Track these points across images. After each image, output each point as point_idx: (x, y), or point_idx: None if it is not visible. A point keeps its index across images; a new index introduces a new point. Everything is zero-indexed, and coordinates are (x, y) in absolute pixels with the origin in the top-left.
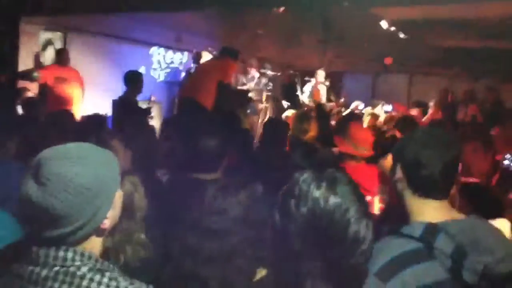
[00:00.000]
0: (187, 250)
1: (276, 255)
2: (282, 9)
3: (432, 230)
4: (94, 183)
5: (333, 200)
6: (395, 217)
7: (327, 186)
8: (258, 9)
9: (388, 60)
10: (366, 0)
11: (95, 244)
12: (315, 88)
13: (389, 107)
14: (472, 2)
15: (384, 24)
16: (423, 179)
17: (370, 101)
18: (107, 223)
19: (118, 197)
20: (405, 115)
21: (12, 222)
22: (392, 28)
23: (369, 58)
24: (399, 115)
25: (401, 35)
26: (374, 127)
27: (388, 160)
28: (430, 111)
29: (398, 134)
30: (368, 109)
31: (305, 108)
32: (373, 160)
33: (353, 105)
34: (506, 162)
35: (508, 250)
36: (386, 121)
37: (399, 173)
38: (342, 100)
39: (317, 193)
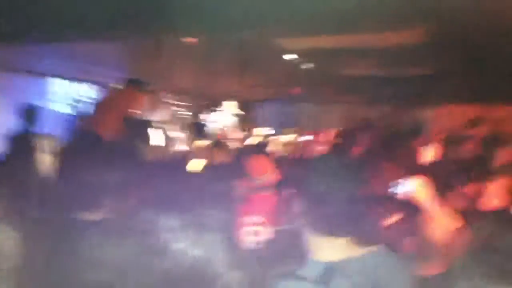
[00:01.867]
0: None
1: None
2: (195, 40)
3: (328, 271)
4: None
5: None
6: None
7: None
8: (169, 38)
9: (296, 90)
10: (268, 32)
11: None
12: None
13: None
14: (371, 32)
15: (287, 56)
16: (319, 216)
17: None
18: None
19: None
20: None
21: None
22: (296, 58)
23: (276, 87)
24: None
25: (305, 66)
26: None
27: None
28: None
29: None
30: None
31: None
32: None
33: (255, 133)
34: (391, 189)
35: None
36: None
37: (298, 207)
38: (253, 130)
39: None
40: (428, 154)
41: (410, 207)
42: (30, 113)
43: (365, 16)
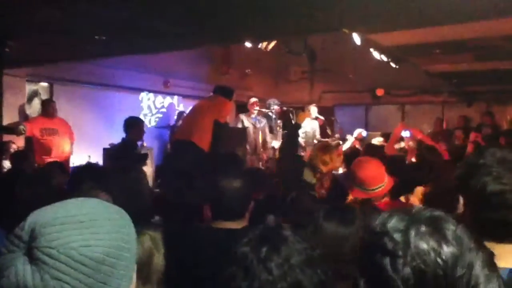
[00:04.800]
0: None
1: None
2: (269, 47)
3: None
4: (111, 253)
5: (449, 251)
6: None
7: (432, 231)
8: (244, 46)
9: (379, 92)
10: (361, 27)
11: None
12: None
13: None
14: (464, 22)
15: (375, 54)
16: (497, 222)
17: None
18: None
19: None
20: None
21: None
22: (383, 57)
23: (359, 90)
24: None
25: (393, 64)
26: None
27: (418, 193)
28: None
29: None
30: (376, 140)
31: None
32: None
33: (355, 133)
34: None
35: None
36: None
37: (461, 207)
38: (337, 135)
39: (422, 244)
40: None
41: None
42: (131, 126)
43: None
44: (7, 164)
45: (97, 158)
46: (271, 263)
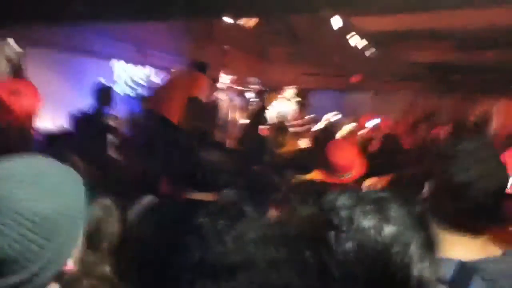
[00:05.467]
0: None
1: None
2: (251, 23)
3: (465, 273)
4: (55, 210)
5: (388, 230)
6: None
7: (376, 211)
8: (225, 22)
9: (355, 78)
10: (343, 9)
11: None
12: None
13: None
14: (450, 9)
15: (355, 38)
16: (455, 212)
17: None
18: (69, 265)
19: (83, 229)
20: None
21: None
22: (363, 42)
23: (336, 75)
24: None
25: (372, 49)
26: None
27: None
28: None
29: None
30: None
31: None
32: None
33: (324, 118)
34: None
35: None
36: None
37: (426, 193)
38: (307, 117)
39: (365, 222)
40: None
41: None
42: (100, 94)
43: None
44: None
45: (64, 124)
46: (227, 236)
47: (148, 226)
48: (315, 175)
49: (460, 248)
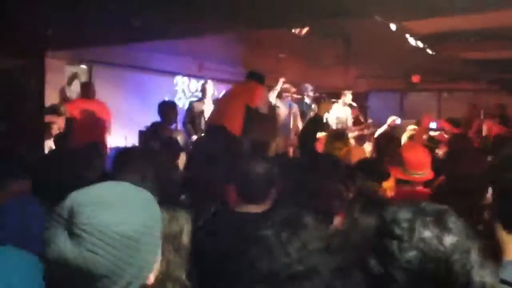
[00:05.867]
0: None
1: None
2: (303, 31)
3: None
4: (140, 231)
5: (449, 239)
6: None
7: (436, 222)
8: (278, 30)
9: (415, 78)
10: (397, 15)
11: None
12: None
13: (433, 124)
14: (503, 9)
15: (411, 40)
16: None
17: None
18: (152, 279)
19: (160, 244)
20: (458, 133)
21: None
22: (419, 43)
23: (394, 76)
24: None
25: (429, 51)
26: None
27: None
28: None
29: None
30: (411, 127)
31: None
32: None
33: (389, 121)
34: None
35: None
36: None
37: (490, 198)
38: (369, 121)
39: (426, 232)
40: None
41: None
42: (165, 110)
43: None
44: (50, 144)
45: (133, 140)
46: (291, 247)
47: (211, 237)
48: (393, 173)
49: None
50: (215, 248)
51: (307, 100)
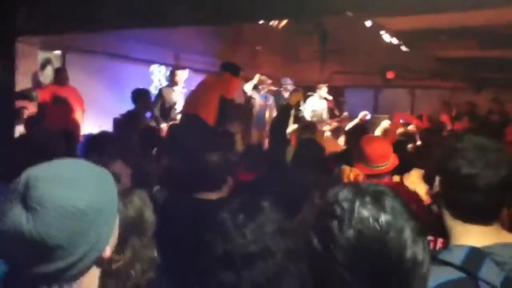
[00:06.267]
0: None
1: (319, 286)
2: (280, 24)
3: (475, 257)
4: (93, 206)
5: (384, 218)
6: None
7: (374, 202)
8: (255, 24)
9: (390, 74)
10: (369, 10)
11: (92, 278)
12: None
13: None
14: (478, 8)
15: (386, 36)
16: (465, 203)
17: (372, 116)
18: (108, 251)
19: (117, 220)
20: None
21: None
22: (394, 40)
23: (369, 72)
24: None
25: (403, 48)
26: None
27: (413, 176)
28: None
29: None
30: (384, 123)
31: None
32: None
33: (360, 115)
34: None
35: None
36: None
37: (437, 187)
38: (344, 114)
39: (364, 212)
40: None
41: None
42: (139, 98)
43: None
44: (20, 129)
45: (108, 128)
46: (246, 229)
47: (169, 221)
48: (358, 169)
49: (472, 236)
50: (173, 232)
51: (284, 93)
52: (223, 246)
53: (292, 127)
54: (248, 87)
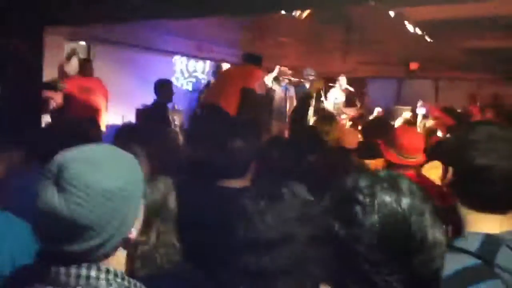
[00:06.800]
0: (243, 269)
1: (343, 270)
2: (303, 15)
3: (491, 244)
4: (121, 188)
5: (406, 202)
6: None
7: (393, 187)
8: (278, 14)
9: (413, 65)
10: (393, 1)
11: (120, 259)
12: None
13: (422, 110)
14: None
15: (410, 27)
16: (480, 194)
17: (395, 108)
18: (134, 233)
19: (142, 204)
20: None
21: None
22: (418, 31)
23: (393, 63)
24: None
25: (427, 38)
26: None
27: (433, 167)
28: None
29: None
30: (406, 114)
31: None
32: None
33: (375, 112)
34: None
35: None
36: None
37: (451, 178)
38: (362, 105)
39: (385, 197)
40: None
41: None
42: (161, 89)
43: None
44: (47, 118)
45: (131, 118)
46: (268, 215)
47: (192, 208)
48: (378, 162)
49: (486, 224)
50: (196, 219)
51: (306, 84)
52: (244, 233)
53: (312, 118)
54: (268, 79)
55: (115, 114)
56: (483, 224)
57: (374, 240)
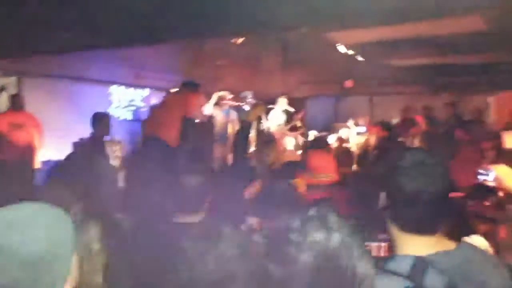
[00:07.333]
0: None
1: None
2: (240, 40)
3: (420, 266)
4: (48, 251)
5: (335, 239)
6: None
7: (323, 225)
8: (216, 40)
9: (348, 83)
10: (322, 26)
11: None
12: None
13: (362, 129)
14: (424, 19)
15: (341, 48)
16: (410, 217)
17: (332, 125)
18: None
19: (75, 260)
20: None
21: None
22: (350, 51)
23: (329, 82)
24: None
25: (359, 58)
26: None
27: None
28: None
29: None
30: (342, 131)
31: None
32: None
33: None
34: (480, 177)
35: (504, 283)
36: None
37: (383, 202)
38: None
39: (316, 236)
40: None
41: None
42: (98, 122)
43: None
44: None
45: (67, 153)
46: (208, 256)
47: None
48: (299, 182)
49: (416, 246)
50: (145, 257)
51: (246, 107)
52: (188, 274)
53: (251, 139)
54: (209, 105)
55: (51, 148)
56: (413, 246)
57: (306, 277)
